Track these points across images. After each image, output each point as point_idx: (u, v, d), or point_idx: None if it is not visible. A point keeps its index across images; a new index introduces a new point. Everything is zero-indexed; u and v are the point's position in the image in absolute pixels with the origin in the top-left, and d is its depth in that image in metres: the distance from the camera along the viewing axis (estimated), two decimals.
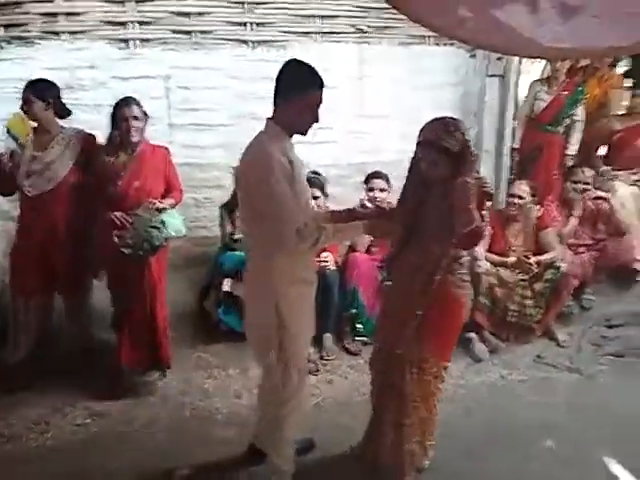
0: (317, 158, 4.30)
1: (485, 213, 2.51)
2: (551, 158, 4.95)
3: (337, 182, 4.57)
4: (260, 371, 3.53)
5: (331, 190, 4.29)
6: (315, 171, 4.18)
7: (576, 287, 4.23)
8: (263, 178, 2.30)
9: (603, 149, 5.20)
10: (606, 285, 4.64)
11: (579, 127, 4.96)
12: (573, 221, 4.47)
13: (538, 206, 4.35)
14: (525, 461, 2.98)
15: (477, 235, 2.48)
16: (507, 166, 5.02)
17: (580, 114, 4.93)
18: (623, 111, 5.38)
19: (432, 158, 2.43)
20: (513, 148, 5.02)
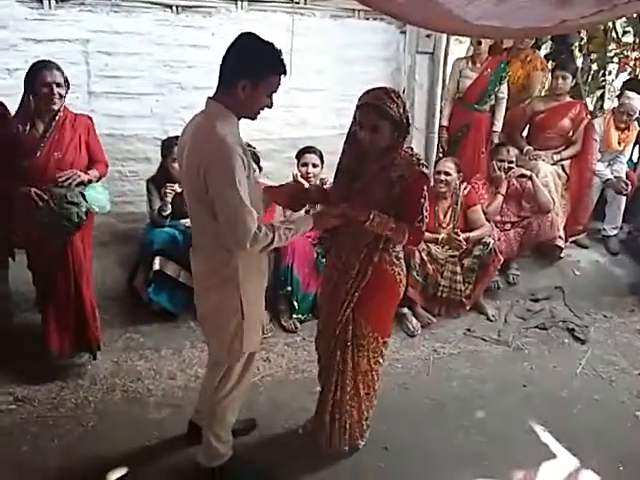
0: (248, 132, 4.22)
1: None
2: (478, 136, 5.10)
3: (269, 157, 4.55)
4: (194, 351, 3.53)
5: (263, 165, 4.28)
6: (249, 144, 4.12)
7: (502, 263, 4.38)
8: (222, 176, 2.10)
9: (526, 129, 5.42)
10: (531, 260, 4.86)
11: (503, 104, 5.11)
12: (499, 198, 4.61)
13: (465, 184, 4.50)
14: (459, 432, 3.11)
15: (423, 232, 2.56)
16: (436, 143, 5.14)
17: (504, 91, 5.08)
18: (545, 93, 5.63)
19: (373, 123, 2.39)
20: (441, 126, 5.11)
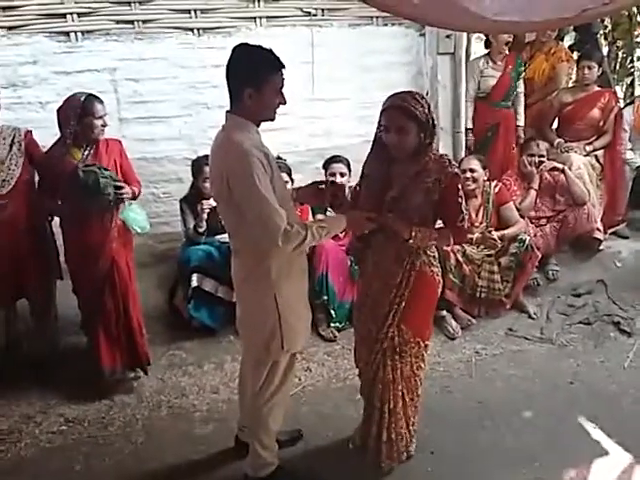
0: (275, 146, 4.32)
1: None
2: (508, 133, 5.12)
3: (297, 168, 4.60)
4: (235, 364, 3.59)
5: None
6: (279, 156, 4.22)
7: (540, 259, 4.36)
8: (243, 179, 2.21)
9: (555, 122, 5.41)
10: (570, 255, 4.83)
11: (522, 98, 5.15)
12: (532, 194, 4.60)
13: (495, 182, 4.50)
14: (507, 433, 3.10)
15: (466, 229, 2.58)
16: (464, 144, 5.16)
17: (522, 86, 5.12)
18: (572, 84, 5.61)
19: (400, 124, 2.41)
20: (467, 129, 5.09)
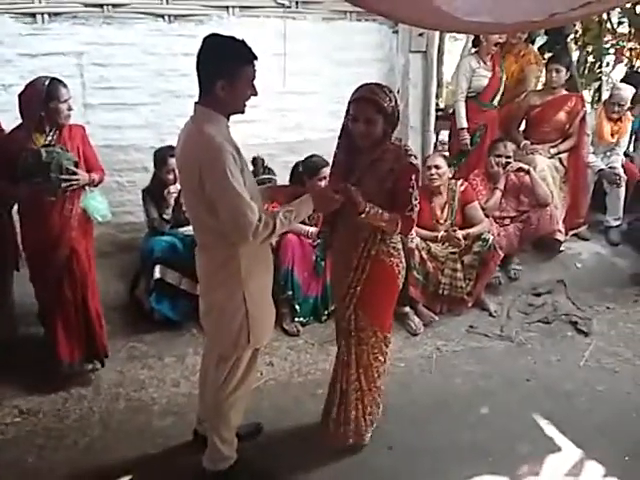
0: (244, 138, 4.29)
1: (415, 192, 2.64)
2: (492, 134, 5.24)
3: (266, 161, 4.63)
4: (197, 358, 3.59)
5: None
6: (269, 168, 4.40)
7: (503, 258, 4.47)
8: (216, 174, 2.22)
9: (523, 124, 5.52)
10: (531, 255, 4.95)
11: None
12: (497, 194, 4.69)
13: (461, 180, 4.58)
14: (463, 429, 3.18)
15: (413, 220, 2.68)
16: (433, 142, 5.23)
17: None
18: (540, 87, 5.72)
19: (368, 116, 2.53)
20: (461, 128, 5.14)
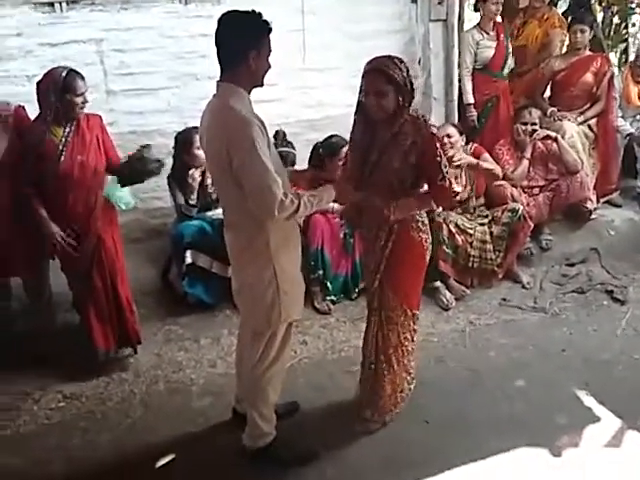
0: (266, 117, 4.34)
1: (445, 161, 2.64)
2: (507, 103, 5.18)
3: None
4: (232, 338, 3.64)
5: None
6: (289, 142, 4.32)
7: (533, 228, 4.42)
8: (244, 147, 2.25)
9: (548, 90, 5.43)
10: (563, 224, 4.90)
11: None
12: (525, 163, 4.64)
13: (470, 144, 4.55)
14: (500, 402, 3.19)
15: (448, 188, 2.66)
16: (456, 112, 5.18)
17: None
18: (564, 50, 5.61)
19: (379, 88, 2.52)
20: (468, 104, 5.07)
